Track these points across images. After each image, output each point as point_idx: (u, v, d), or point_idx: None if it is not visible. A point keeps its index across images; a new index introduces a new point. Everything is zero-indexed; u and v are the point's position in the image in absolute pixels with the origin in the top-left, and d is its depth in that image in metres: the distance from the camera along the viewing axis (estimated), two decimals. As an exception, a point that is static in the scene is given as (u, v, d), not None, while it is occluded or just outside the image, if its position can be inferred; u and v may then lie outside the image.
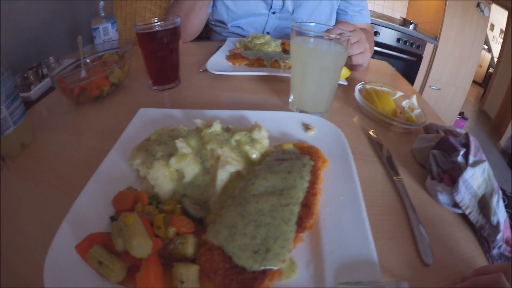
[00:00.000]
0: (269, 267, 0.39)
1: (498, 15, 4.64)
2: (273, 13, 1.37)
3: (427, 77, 3.45)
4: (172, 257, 0.41)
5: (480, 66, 5.73)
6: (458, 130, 0.73)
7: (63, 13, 1.32)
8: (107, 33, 1.28)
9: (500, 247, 0.52)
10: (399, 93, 0.95)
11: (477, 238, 0.54)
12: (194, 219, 0.46)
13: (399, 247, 0.50)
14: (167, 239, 0.43)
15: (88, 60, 1.00)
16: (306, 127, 0.70)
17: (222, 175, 0.51)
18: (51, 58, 1.10)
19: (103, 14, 1.28)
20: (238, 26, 1.41)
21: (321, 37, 0.77)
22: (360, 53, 1.00)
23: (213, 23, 1.48)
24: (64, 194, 0.57)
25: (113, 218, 0.48)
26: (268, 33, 1.41)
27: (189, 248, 0.41)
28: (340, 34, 0.76)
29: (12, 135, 0.66)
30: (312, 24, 0.81)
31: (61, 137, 0.75)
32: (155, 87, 0.96)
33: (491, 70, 5.58)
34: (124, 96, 0.94)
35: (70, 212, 0.47)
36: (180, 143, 0.54)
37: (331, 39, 0.76)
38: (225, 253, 0.40)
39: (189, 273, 0.38)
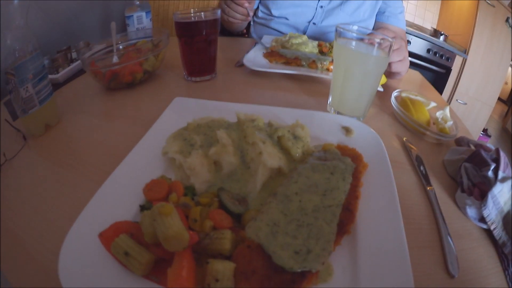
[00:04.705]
0: (308, 269, 0.37)
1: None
2: (321, 7, 1.36)
3: (455, 90, 3.36)
4: (206, 252, 0.39)
5: (506, 83, 5.57)
6: (489, 145, 0.71)
7: (95, 0, 1.32)
8: (141, 21, 1.30)
9: (519, 266, 0.51)
10: (433, 104, 0.93)
11: (498, 255, 0.53)
12: (232, 214, 0.45)
13: (428, 257, 0.49)
14: (203, 233, 0.40)
15: (120, 47, 1.00)
16: (346, 130, 0.68)
17: (264, 171, 0.50)
18: (81, 42, 1.10)
19: (137, 3, 1.29)
20: (284, 17, 1.40)
21: (364, 41, 0.75)
22: (400, 60, 0.97)
23: (255, 19, 1.47)
24: (87, 179, 0.56)
25: (143, 207, 0.46)
26: (314, 23, 1.40)
27: (227, 243, 0.39)
28: (382, 39, 0.74)
29: (36, 115, 0.65)
30: (355, 27, 0.80)
31: (88, 121, 0.75)
32: (190, 78, 0.95)
33: (516, 88, 5.41)
34: (157, 85, 0.93)
35: (95, 197, 0.45)
36: (221, 134, 0.53)
37: (374, 44, 0.74)
38: (264, 251, 0.38)
39: (225, 271, 0.36)
